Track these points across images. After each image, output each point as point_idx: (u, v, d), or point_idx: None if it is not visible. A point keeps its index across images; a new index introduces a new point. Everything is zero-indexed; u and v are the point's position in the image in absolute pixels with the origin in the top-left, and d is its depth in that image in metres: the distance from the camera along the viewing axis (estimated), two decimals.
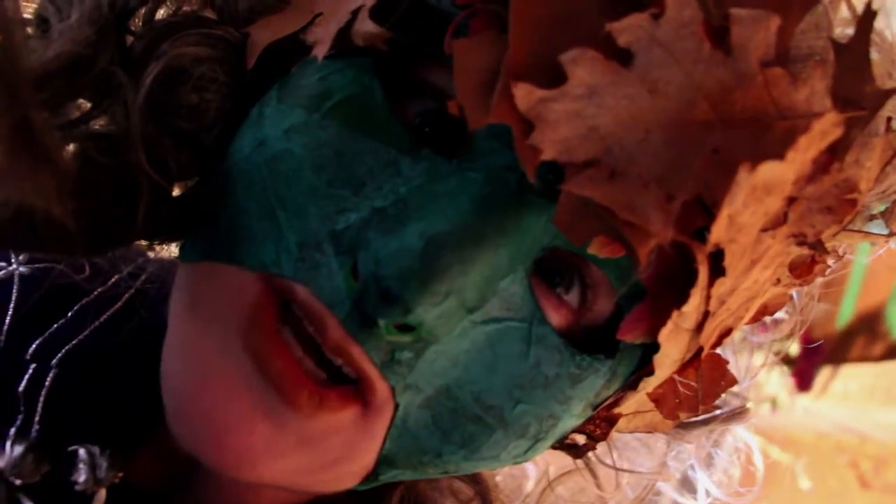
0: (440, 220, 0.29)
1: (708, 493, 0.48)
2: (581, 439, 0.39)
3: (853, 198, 0.30)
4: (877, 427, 1.30)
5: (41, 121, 0.27)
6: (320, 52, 0.31)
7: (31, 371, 0.41)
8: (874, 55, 0.31)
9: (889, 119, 0.32)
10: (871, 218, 0.37)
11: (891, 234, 0.36)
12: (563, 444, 0.39)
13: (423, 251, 0.28)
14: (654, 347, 0.32)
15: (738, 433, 0.48)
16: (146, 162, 0.32)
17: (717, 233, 0.28)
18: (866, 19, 0.30)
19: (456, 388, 0.32)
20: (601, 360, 0.33)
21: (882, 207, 0.38)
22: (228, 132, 0.34)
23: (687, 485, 0.49)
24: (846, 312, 1.36)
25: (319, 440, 0.31)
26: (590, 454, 0.42)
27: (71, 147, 0.32)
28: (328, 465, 0.33)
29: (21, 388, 0.40)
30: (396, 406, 0.32)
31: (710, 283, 0.30)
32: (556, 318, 0.33)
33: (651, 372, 0.33)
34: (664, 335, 0.31)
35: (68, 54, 0.31)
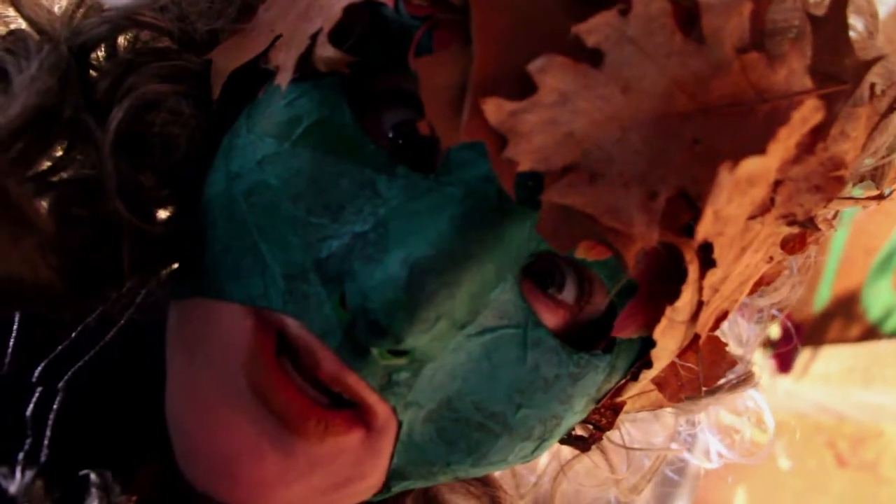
0: (421, 244, 0.28)
1: (721, 455, 0.48)
2: (587, 430, 0.39)
3: (840, 175, 0.30)
4: (854, 407, 1.31)
5: (18, 188, 0.27)
6: (283, 80, 0.30)
7: (37, 394, 0.41)
8: (855, 20, 0.30)
9: (872, 85, 0.31)
10: (861, 179, 0.37)
11: (880, 196, 0.35)
12: (570, 437, 0.40)
13: (408, 280, 0.27)
14: (652, 338, 0.32)
15: (747, 394, 0.48)
16: (124, 207, 0.31)
17: (704, 229, 0.28)
18: None
19: (457, 400, 0.32)
20: (599, 356, 0.33)
21: (870, 164, 0.37)
22: (204, 163, 0.34)
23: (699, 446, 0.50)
24: (823, 296, 1.36)
25: (328, 463, 0.32)
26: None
27: (46, 202, 0.32)
28: (339, 486, 0.33)
29: (29, 413, 0.40)
30: (400, 423, 0.32)
31: (702, 275, 0.30)
32: (551, 319, 0.33)
33: (650, 364, 0.33)
34: (659, 332, 0.31)
35: (33, 108, 0.30)
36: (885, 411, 1.27)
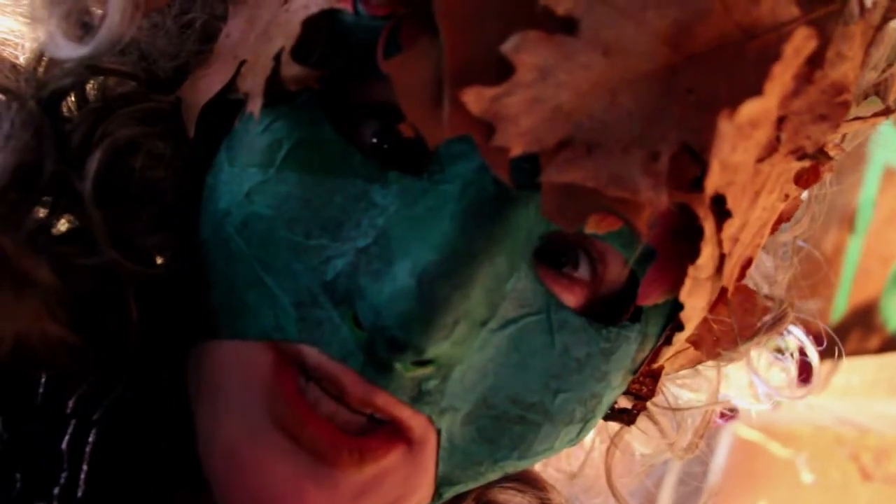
0: (426, 250, 0.27)
1: (769, 397, 0.47)
2: (630, 401, 0.38)
3: (844, 99, 0.29)
4: (877, 419, 1.29)
5: (12, 246, 0.27)
6: (255, 107, 0.29)
7: (72, 427, 0.40)
8: None
9: (861, 0, 0.30)
10: (865, 96, 0.35)
11: (888, 111, 0.34)
12: (614, 412, 0.39)
13: (418, 290, 0.26)
14: (680, 301, 0.31)
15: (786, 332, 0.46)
16: (119, 255, 0.31)
17: (713, 182, 0.26)
18: None
19: (492, 397, 0.31)
20: (629, 327, 0.32)
21: (873, 79, 0.36)
22: (194, 202, 0.33)
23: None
24: (840, 307, 1.33)
25: (375, 487, 0.31)
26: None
27: (45, 257, 0.31)
28: None
29: (64, 445, 0.39)
30: (438, 431, 0.31)
31: (719, 228, 0.29)
32: (571, 298, 0.32)
33: (681, 326, 0.32)
34: (685, 293, 0.29)
35: (13, 166, 0.30)
36: None
